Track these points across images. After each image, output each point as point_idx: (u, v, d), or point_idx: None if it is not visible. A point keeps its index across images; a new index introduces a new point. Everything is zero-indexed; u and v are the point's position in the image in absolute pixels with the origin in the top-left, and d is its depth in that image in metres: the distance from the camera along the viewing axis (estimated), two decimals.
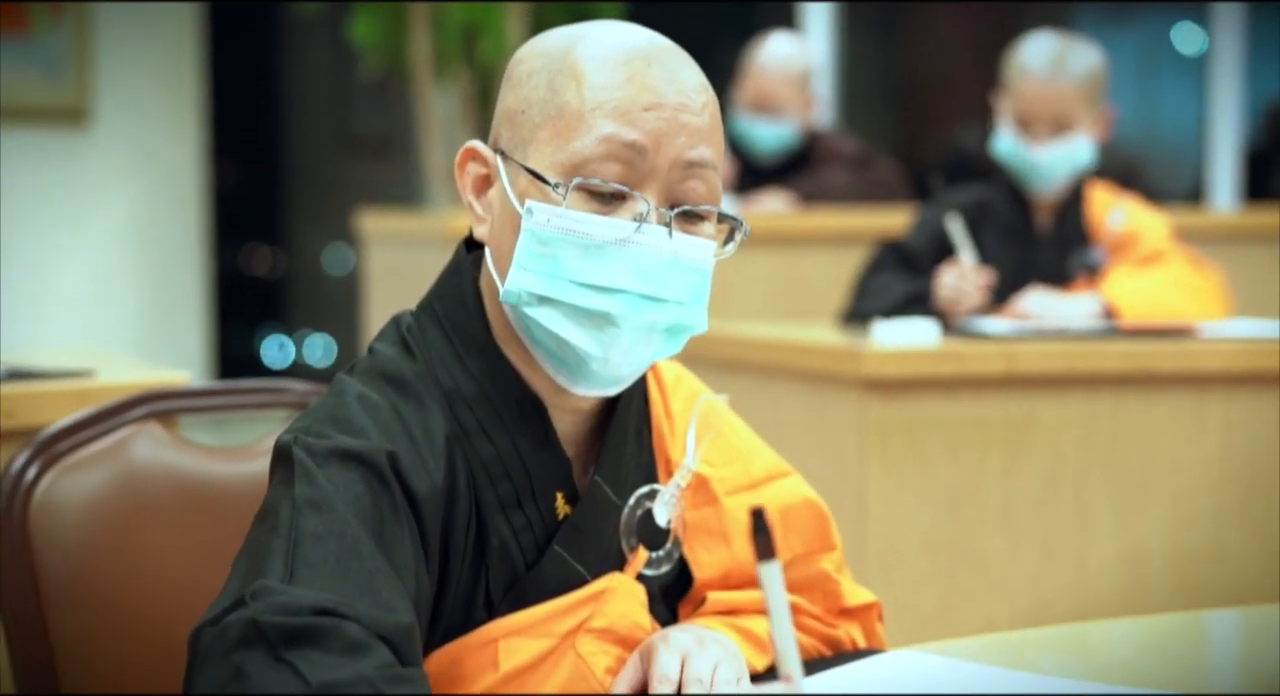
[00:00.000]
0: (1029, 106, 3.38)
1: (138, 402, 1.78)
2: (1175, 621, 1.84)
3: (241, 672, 1.17)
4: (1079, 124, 3.38)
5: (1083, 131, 3.38)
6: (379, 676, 1.17)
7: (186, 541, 1.74)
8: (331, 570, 1.25)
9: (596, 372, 1.39)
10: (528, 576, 1.42)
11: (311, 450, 1.33)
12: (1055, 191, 3.44)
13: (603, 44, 1.41)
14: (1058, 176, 3.41)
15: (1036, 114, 3.38)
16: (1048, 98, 3.37)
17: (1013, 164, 3.43)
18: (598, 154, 1.36)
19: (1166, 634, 1.76)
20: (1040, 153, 3.37)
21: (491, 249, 1.43)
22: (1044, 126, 3.38)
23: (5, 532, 1.68)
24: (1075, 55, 3.39)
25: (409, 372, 1.42)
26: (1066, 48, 3.41)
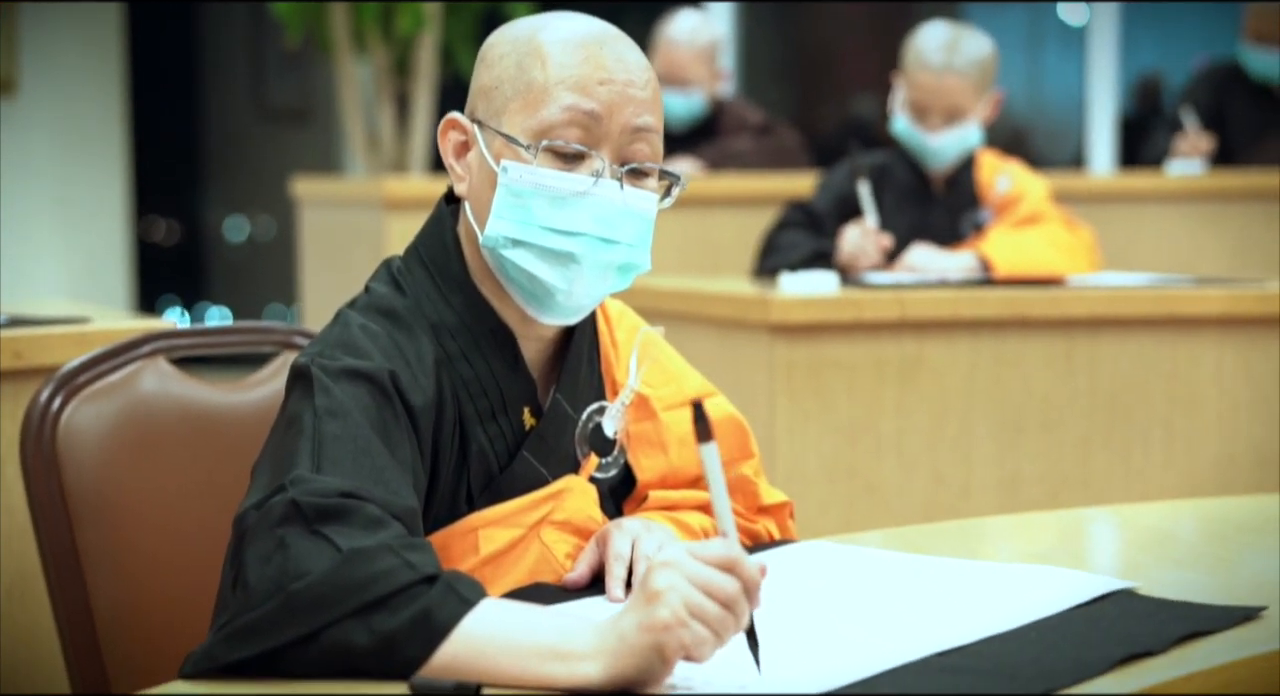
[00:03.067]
0: (923, 96, 3.62)
1: (144, 341, 1.97)
2: (1045, 518, 2.10)
3: (284, 543, 1.40)
4: (970, 111, 3.62)
5: (973, 117, 3.64)
6: (397, 544, 1.40)
7: (191, 460, 1.94)
8: (349, 464, 1.48)
9: (561, 304, 1.65)
10: (501, 477, 1.66)
11: (326, 369, 1.56)
12: (947, 168, 3.72)
13: (562, 30, 1.67)
14: (949, 157, 3.68)
15: (930, 103, 3.61)
16: (941, 89, 3.60)
17: (909, 145, 3.69)
18: (560, 120, 1.61)
19: (1037, 526, 2.02)
20: (934, 138, 3.63)
21: (470, 202, 1.68)
22: (937, 115, 3.62)
23: (35, 455, 1.86)
24: (967, 45, 3.61)
25: (400, 307, 1.66)
26: (959, 38, 3.62)
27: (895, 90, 3.71)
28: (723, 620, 1.31)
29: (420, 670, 1.33)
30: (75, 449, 1.89)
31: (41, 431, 1.88)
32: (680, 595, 1.30)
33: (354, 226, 4.73)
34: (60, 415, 1.89)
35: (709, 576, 1.32)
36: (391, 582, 1.36)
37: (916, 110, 3.63)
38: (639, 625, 1.31)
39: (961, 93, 3.60)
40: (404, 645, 1.34)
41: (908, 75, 3.64)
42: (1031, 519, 2.09)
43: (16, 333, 2.39)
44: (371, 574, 1.37)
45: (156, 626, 1.87)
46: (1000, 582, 1.61)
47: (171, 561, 1.90)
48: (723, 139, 5.09)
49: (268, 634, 1.36)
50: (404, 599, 1.35)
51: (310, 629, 1.35)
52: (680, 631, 1.29)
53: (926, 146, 3.65)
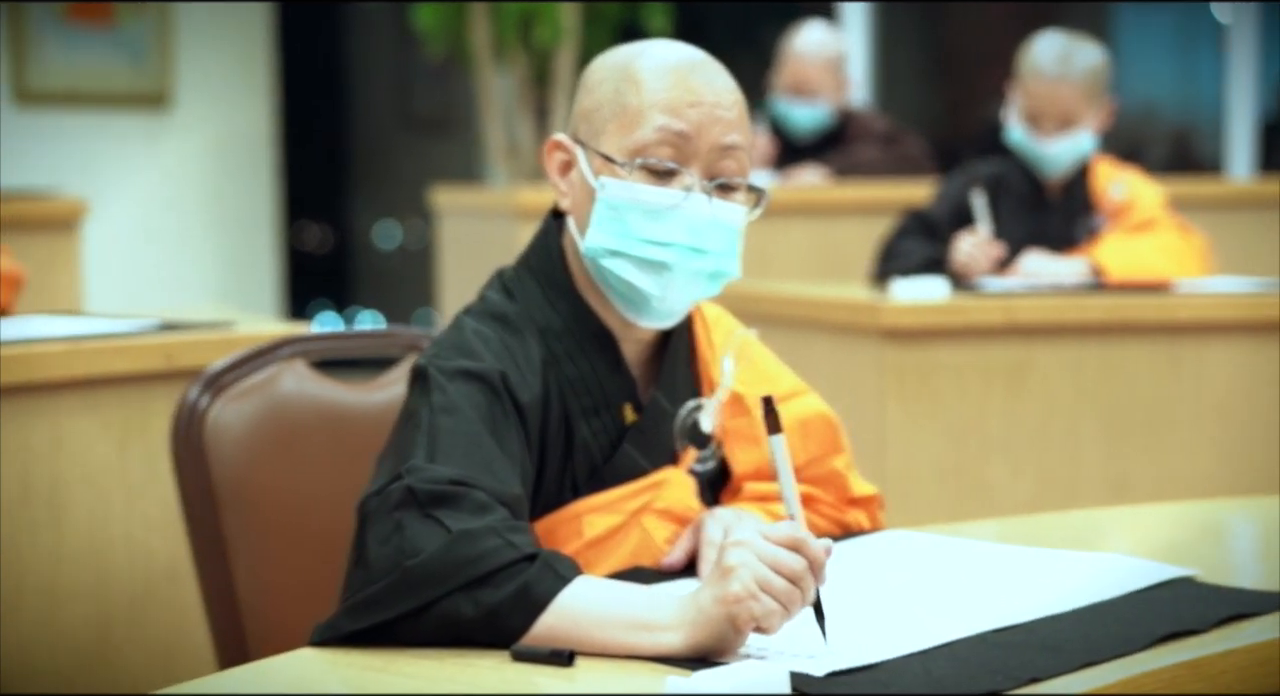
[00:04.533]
0: (1037, 104, 3.70)
1: (284, 344, 2.13)
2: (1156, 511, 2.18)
3: (400, 525, 1.55)
4: (1083, 119, 3.70)
5: (1086, 125, 3.72)
6: (501, 526, 1.54)
7: (324, 454, 2.09)
8: (461, 455, 1.63)
9: (656, 309, 1.79)
10: (604, 468, 1.80)
11: (442, 370, 1.71)
12: (1061, 175, 3.81)
13: (656, 57, 1.81)
14: (1063, 164, 3.76)
15: (1044, 111, 3.70)
16: (1054, 97, 3.68)
17: (1023, 153, 3.78)
18: (654, 140, 1.76)
19: (1149, 518, 2.09)
20: (1048, 145, 3.71)
21: (573, 216, 1.83)
22: (1051, 122, 3.71)
23: (185, 450, 2.02)
24: (1080, 55, 3.69)
25: (511, 312, 1.81)
26: (1072, 48, 3.69)
27: (1010, 99, 3.79)
28: (790, 594, 1.44)
29: (520, 639, 1.48)
30: (221, 444, 2.04)
31: (190, 428, 2.04)
32: (751, 571, 1.44)
33: (491, 235, 4.90)
34: (207, 413, 2.04)
35: (777, 554, 1.45)
36: (496, 560, 1.51)
37: (1030, 118, 3.72)
38: (714, 598, 1.45)
39: (1074, 100, 3.67)
40: (506, 616, 1.49)
41: (1022, 84, 3.73)
42: (1140, 512, 2.16)
43: (168, 337, 2.59)
44: (478, 552, 1.51)
45: (292, 604, 2.02)
46: (1063, 568, 1.72)
47: (306, 545, 2.05)
48: (849, 148, 5.18)
49: (385, 606, 1.51)
50: (507, 575, 1.50)
51: (423, 602, 1.50)
52: (751, 604, 1.43)
53: (1040, 154, 3.73)
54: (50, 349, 2.49)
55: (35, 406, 2.46)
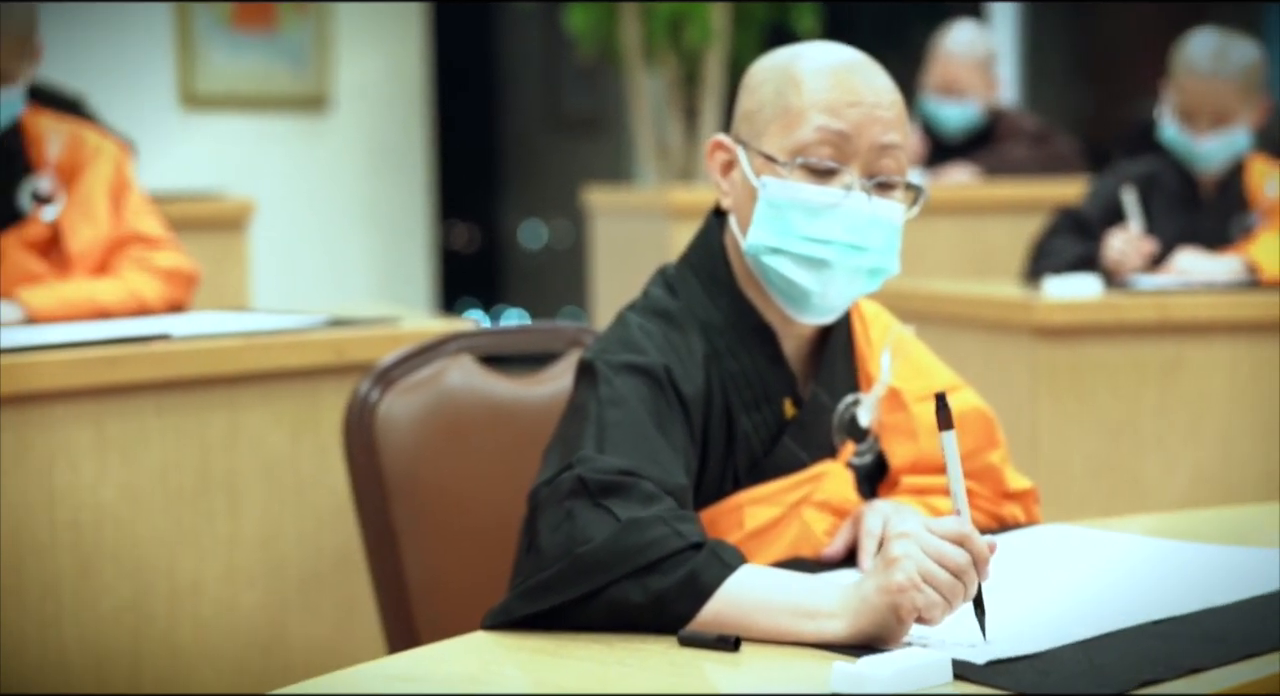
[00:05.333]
0: (1191, 101, 3.68)
1: (451, 340, 2.18)
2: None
3: (571, 513, 1.60)
4: (1238, 116, 3.68)
5: (1241, 122, 3.69)
6: (668, 515, 1.58)
7: (490, 446, 2.14)
8: (628, 447, 1.67)
9: (816, 305, 1.83)
10: (765, 461, 1.83)
11: (609, 364, 1.76)
12: (1216, 173, 3.78)
13: (816, 59, 1.85)
14: (1217, 162, 3.74)
15: (1198, 108, 3.68)
16: (1209, 93, 3.66)
17: (1177, 150, 3.76)
18: (814, 140, 1.79)
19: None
20: (1202, 143, 3.69)
21: (735, 214, 1.87)
22: (1205, 119, 3.69)
23: (357, 442, 2.08)
24: (1236, 52, 3.67)
25: (674, 308, 1.86)
26: (1227, 44, 3.67)
27: (1164, 97, 3.77)
28: (953, 587, 1.47)
29: (687, 625, 1.53)
30: (391, 436, 2.10)
31: (362, 420, 2.10)
32: (915, 562, 1.47)
33: (642, 234, 4.95)
34: (378, 406, 2.10)
35: (941, 547, 1.48)
36: (663, 548, 1.55)
37: (1185, 115, 3.70)
38: (878, 588, 1.48)
39: (1229, 97, 3.65)
40: (673, 603, 1.53)
41: (1176, 81, 3.71)
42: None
43: (337, 333, 2.67)
44: (646, 541, 1.56)
45: (460, 592, 2.08)
46: (1221, 562, 1.73)
47: (473, 535, 2.11)
48: (999, 146, 5.18)
49: (556, 591, 1.57)
50: (674, 562, 1.55)
51: (593, 587, 1.55)
52: (914, 594, 1.46)
53: (1194, 151, 3.71)
54: (227, 344, 2.59)
55: (213, 399, 2.56)
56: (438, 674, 1.46)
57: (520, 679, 1.49)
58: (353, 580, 2.59)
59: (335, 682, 1.44)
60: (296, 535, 2.63)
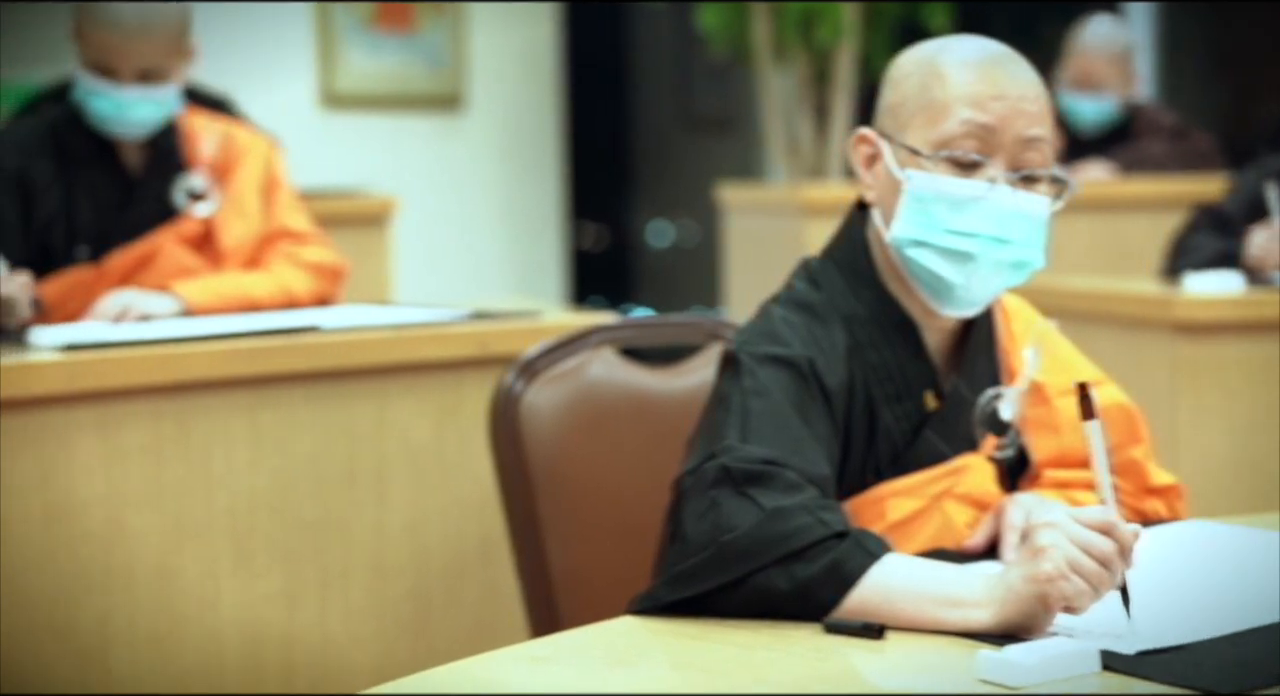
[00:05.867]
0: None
1: (593, 332, 2.22)
2: None
3: (716, 502, 1.62)
4: None
5: None
6: (813, 504, 1.60)
7: (631, 436, 2.18)
8: (771, 437, 1.69)
9: (960, 298, 1.83)
10: (906, 453, 1.84)
11: (752, 355, 1.78)
12: None
13: (960, 52, 1.86)
14: None
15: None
16: None
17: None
18: (958, 133, 1.80)
19: None
20: None
21: (878, 208, 1.87)
22: None
23: (502, 432, 2.13)
24: None
25: (816, 301, 1.87)
26: None
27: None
28: (1100, 576, 1.47)
29: (831, 612, 1.54)
30: (535, 427, 2.14)
31: (507, 411, 2.14)
32: (1062, 551, 1.47)
33: (775, 231, 4.97)
34: (522, 397, 2.14)
35: (1088, 536, 1.49)
36: (808, 537, 1.57)
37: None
38: (1025, 576, 1.49)
39: None
40: (818, 590, 1.55)
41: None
42: None
43: (481, 326, 2.72)
44: (791, 529, 1.58)
45: (603, 580, 2.11)
46: None
47: (616, 524, 2.15)
48: (1136, 142, 5.12)
49: (702, 579, 1.59)
50: (819, 551, 1.56)
51: (738, 575, 1.57)
52: (1062, 583, 1.47)
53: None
54: (374, 336, 2.65)
55: (361, 390, 2.62)
56: (582, 654, 1.49)
57: (665, 661, 1.52)
58: (495, 569, 2.64)
59: (482, 663, 1.47)
60: (441, 524, 2.68)
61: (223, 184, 3.02)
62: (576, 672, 1.45)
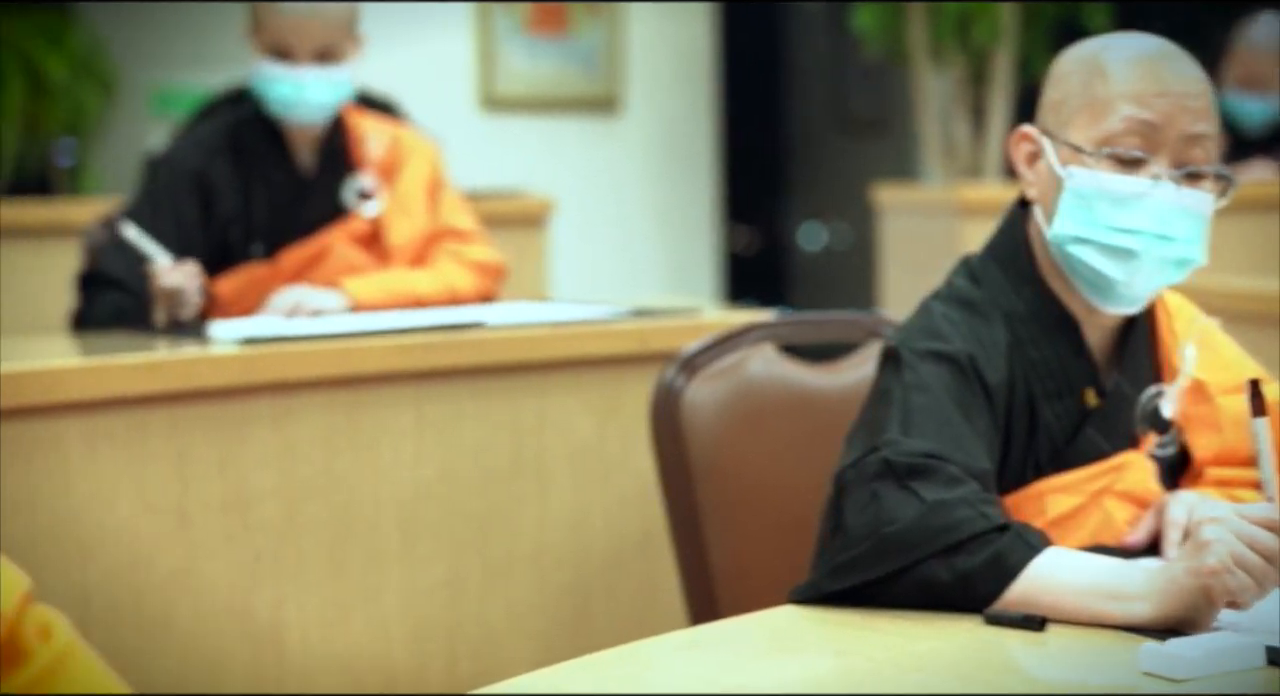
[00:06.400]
0: None
1: (752, 329, 2.25)
2: None
3: (877, 494, 1.64)
4: None
5: None
6: (973, 498, 1.61)
7: (790, 432, 2.20)
8: (932, 431, 1.70)
9: (1122, 295, 1.83)
10: (1066, 450, 1.84)
11: (913, 350, 1.80)
12: None
13: (1123, 49, 1.86)
14: None
15: None
16: None
17: None
18: (1121, 130, 1.79)
19: None
20: None
21: (1039, 205, 1.88)
22: None
23: (663, 427, 2.16)
24: None
25: (976, 298, 1.88)
26: None
27: None
28: (1264, 571, 1.47)
29: (992, 604, 1.56)
30: (696, 421, 2.17)
31: (668, 406, 2.17)
32: (1227, 546, 1.47)
33: (931, 232, 4.95)
34: (683, 393, 2.17)
35: (1253, 532, 1.48)
36: (969, 529, 1.59)
37: None
38: (1188, 570, 1.49)
39: None
40: (979, 582, 1.57)
41: None
42: None
43: (641, 323, 2.76)
44: (952, 521, 1.59)
45: (762, 573, 2.14)
46: None
47: (775, 518, 2.17)
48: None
49: (863, 569, 1.61)
50: (980, 543, 1.58)
51: (899, 565, 1.59)
52: (1226, 577, 1.46)
53: None
54: (537, 333, 2.70)
55: (524, 385, 2.68)
56: (743, 641, 1.52)
57: (827, 648, 1.54)
58: (654, 562, 2.68)
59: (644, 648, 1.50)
60: (602, 517, 2.73)
61: (390, 184, 3.10)
62: (738, 658, 1.48)
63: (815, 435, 2.20)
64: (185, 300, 2.82)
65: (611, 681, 1.41)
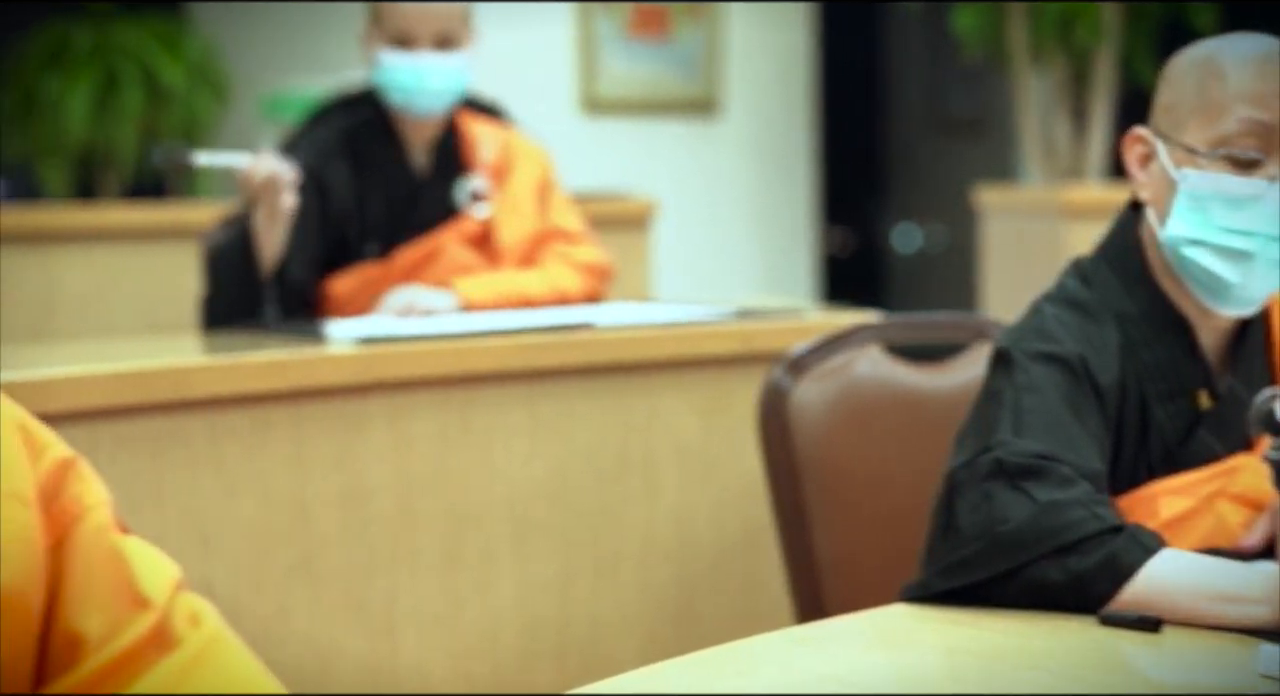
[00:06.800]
0: None
1: (859, 330, 2.27)
2: None
3: (989, 494, 1.65)
4: None
5: None
6: (1086, 499, 1.62)
7: (897, 433, 2.22)
8: (1044, 432, 1.71)
9: (1236, 297, 1.83)
10: (1179, 452, 1.84)
11: (1025, 352, 1.80)
12: None
13: (1238, 50, 1.85)
14: None
15: None
16: None
17: None
18: (1237, 131, 1.79)
19: None
20: None
21: (1152, 207, 1.88)
22: None
23: (772, 426, 2.18)
24: None
25: (1088, 300, 1.88)
26: None
27: None
28: None
29: (1105, 605, 1.56)
30: (803, 422, 2.19)
31: (776, 406, 2.19)
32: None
33: (1033, 233, 4.94)
34: (791, 393, 2.19)
35: None
36: (1083, 530, 1.60)
37: None
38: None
39: None
40: (1093, 583, 1.57)
41: None
42: None
43: (747, 323, 2.79)
44: (1065, 522, 1.60)
45: (868, 571, 2.16)
46: None
47: (880, 517, 2.19)
48: None
49: (976, 568, 1.63)
50: (1094, 544, 1.59)
51: (1012, 565, 1.60)
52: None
53: None
54: (645, 333, 2.74)
55: (633, 384, 2.72)
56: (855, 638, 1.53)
57: (939, 645, 1.55)
58: (758, 558, 2.71)
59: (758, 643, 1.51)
60: (707, 515, 2.76)
61: (501, 186, 3.15)
62: (850, 654, 1.49)
63: (921, 435, 2.22)
64: (282, 186, 2.86)
65: (726, 677, 1.43)
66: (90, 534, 1.05)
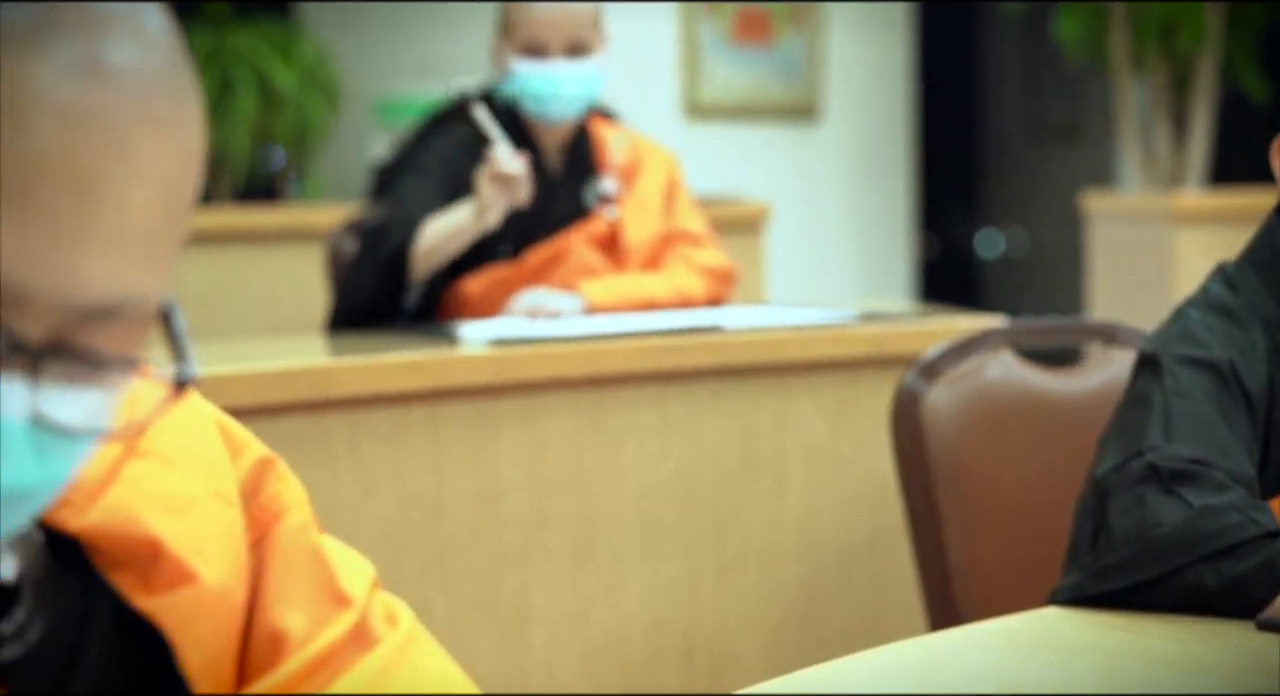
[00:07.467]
0: None
1: (990, 334, 2.27)
2: None
3: (1142, 498, 1.65)
4: None
5: None
6: (1242, 504, 1.62)
7: (1029, 436, 2.21)
8: (1195, 437, 1.71)
9: None
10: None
11: (1172, 356, 1.80)
12: None
13: None
14: None
15: None
16: None
17: None
18: None
19: None
20: None
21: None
22: None
23: (905, 430, 2.19)
24: None
25: (1234, 304, 1.88)
26: None
27: None
28: None
29: (1264, 611, 1.56)
30: (936, 425, 2.19)
31: (909, 410, 2.20)
32: None
33: (1138, 239, 4.91)
34: (924, 396, 2.20)
35: None
36: (1239, 535, 1.59)
37: None
38: None
39: None
40: (1250, 588, 1.57)
41: None
42: None
43: (876, 327, 2.80)
44: (1221, 527, 1.60)
45: (999, 574, 2.17)
46: None
47: (1012, 519, 2.19)
48: None
49: (1129, 572, 1.63)
50: (1250, 549, 1.58)
51: (1166, 569, 1.60)
52: None
53: None
54: (774, 336, 2.76)
55: (761, 386, 2.74)
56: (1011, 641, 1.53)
57: (1098, 648, 1.55)
58: (885, 560, 2.71)
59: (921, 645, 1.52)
60: (833, 517, 2.77)
61: (629, 187, 3.18)
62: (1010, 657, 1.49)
63: (1053, 439, 2.22)
64: (519, 184, 2.90)
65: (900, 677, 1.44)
66: (291, 532, 1.05)
